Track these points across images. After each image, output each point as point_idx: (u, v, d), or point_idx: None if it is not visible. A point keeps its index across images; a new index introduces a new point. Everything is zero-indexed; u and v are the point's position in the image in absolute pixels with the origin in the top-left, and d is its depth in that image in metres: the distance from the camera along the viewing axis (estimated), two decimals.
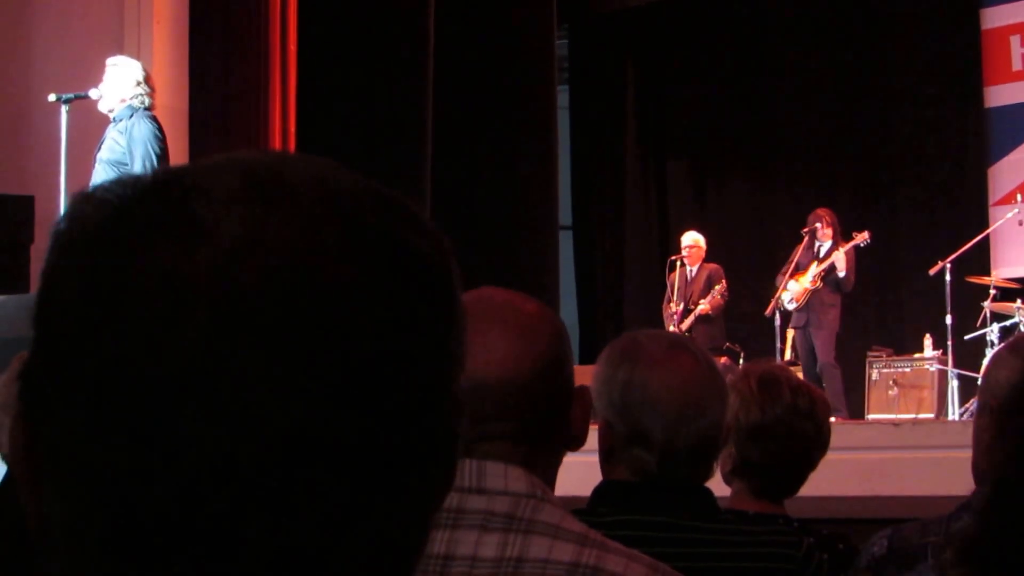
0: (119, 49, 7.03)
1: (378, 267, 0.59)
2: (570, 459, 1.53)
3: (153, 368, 0.55)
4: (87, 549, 0.57)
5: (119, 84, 6.12)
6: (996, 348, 7.53)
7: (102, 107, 6.17)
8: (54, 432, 0.58)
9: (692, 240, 9.75)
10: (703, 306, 9.44)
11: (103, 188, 0.61)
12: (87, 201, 0.60)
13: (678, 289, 9.65)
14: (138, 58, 6.56)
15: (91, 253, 0.58)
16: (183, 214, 0.58)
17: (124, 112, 6.09)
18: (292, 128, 8.63)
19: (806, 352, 9.04)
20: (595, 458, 1.94)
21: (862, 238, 8.96)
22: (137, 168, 5.87)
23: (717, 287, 9.48)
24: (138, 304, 0.56)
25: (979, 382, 2.18)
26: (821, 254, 9.08)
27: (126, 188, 0.60)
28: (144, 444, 0.55)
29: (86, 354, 0.57)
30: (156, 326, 0.56)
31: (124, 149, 5.98)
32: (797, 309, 9.06)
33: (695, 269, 9.70)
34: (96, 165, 6.10)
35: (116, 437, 0.56)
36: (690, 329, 9.31)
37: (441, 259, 0.63)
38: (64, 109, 6.13)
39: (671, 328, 9.27)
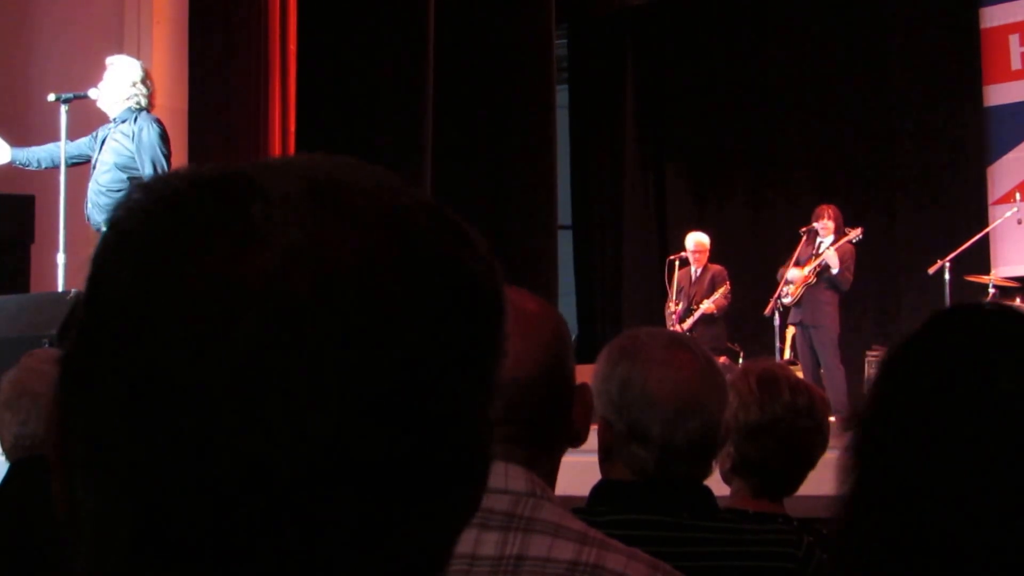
0: (119, 49, 7.03)
1: (431, 287, 0.59)
2: (569, 458, 1.53)
3: (197, 370, 0.55)
4: (116, 540, 0.57)
5: (117, 84, 6.12)
6: None
7: (101, 107, 6.17)
8: (90, 422, 0.58)
9: (698, 243, 9.70)
10: (707, 305, 9.41)
11: (160, 179, 0.60)
12: (145, 191, 0.60)
13: (682, 289, 9.64)
14: (138, 58, 6.56)
15: (145, 246, 0.58)
16: (240, 215, 0.57)
17: (125, 113, 6.08)
18: (292, 128, 8.63)
19: (806, 350, 9.00)
20: (595, 457, 1.93)
21: (855, 233, 8.92)
22: (148, 173, 5.87)
23: (721, 289, 9.46)
24: (189, 305, 0.56)
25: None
26: (820, 249, 9.04)
27: (185, 182, 0.60)
28: (180, 444, 0.55)
29: (131, 348, 0.56)
30: (205, 328, 0.55)
31: (132, 153, 5.98)
32: (793, 304, 9.03)
33: (699, 270, 9.68)
34: (97, 166, 6.11)
35: (153, 434, 0.55)
36: (692, 329, 9.29)
37: (492, 284, 0.63)
38: (63, 109, 6.13)
39: (672, 327, 9.25)
